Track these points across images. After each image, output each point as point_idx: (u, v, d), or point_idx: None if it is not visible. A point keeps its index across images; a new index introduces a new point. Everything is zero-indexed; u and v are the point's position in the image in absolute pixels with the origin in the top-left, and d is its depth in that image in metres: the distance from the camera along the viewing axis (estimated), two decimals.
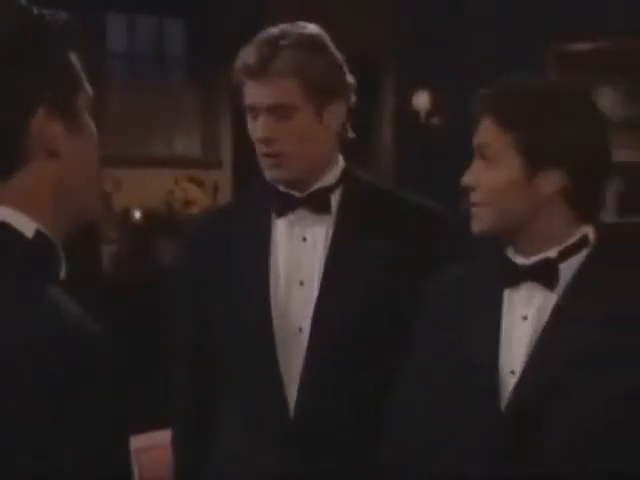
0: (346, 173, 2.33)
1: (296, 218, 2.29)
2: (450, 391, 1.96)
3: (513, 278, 1.94)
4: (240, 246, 2.33)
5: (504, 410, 1.89)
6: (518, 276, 1.94)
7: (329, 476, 2.25)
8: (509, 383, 1.90)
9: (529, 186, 1.91)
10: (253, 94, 2.24)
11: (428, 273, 2.14)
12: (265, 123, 2.23)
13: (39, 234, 1.31)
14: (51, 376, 1.19)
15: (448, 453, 1.94)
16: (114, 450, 1.23)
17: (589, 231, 1.96)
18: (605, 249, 1.96)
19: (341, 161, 2.34)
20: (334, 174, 2.31)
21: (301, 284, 2.27)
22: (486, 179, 1.92)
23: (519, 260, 1.95)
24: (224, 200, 7.69)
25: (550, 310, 1.91)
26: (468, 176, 1.95)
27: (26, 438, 1.18)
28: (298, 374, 2.24)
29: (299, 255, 2.28)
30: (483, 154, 1.93)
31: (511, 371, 1.90)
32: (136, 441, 2.23)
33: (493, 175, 1.92)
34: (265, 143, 2.24)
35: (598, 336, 1.86)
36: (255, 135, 2.26)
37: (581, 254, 1.93)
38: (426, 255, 2.25)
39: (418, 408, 2.02)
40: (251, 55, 2.22)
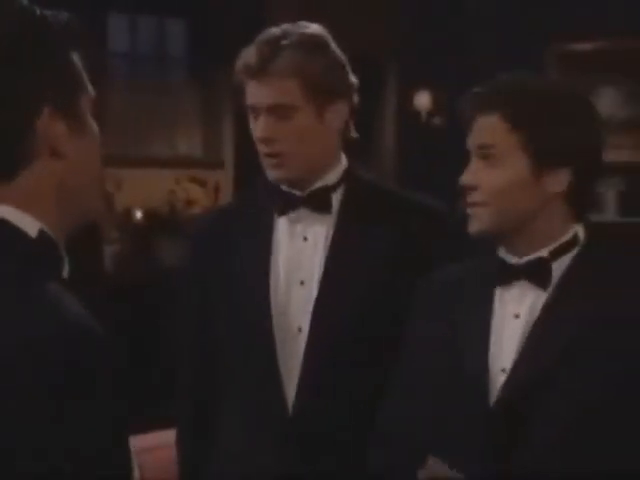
0: (348, 173, 2.33)
1: (297, 217, 2.29)
2: (440, 390, 1.95)
3: (505, 277, 1.95)
4: (241, 246, 2.33)
5: (493, 406, 1.89)
6: (511, 275, 1.94)
7: (329, 476, 2.25)
8: (499, 381, 1.90)
9: (535, 186, 1.91)
10: (254, 94, 2.24)
11: (429, 272, 2.15)
12: (265, 123, 2.23)
13: (42, 234, 1.32)
14: (51, 376, 1.19)
15: (439, 452, 1.93)
16: (114, 450, 1.23)
17: (579, 230, 1.97)
18: (606, 249, 1.97)
19: (344, 160, 2.34)
20: (336, 174, 2.31)
21: (301, 284, 2.27)
22: (489, 179, 1.91)
23: (512, 260, 1.95)
24: (225, 200, 7.69)
25: (540, 308, 1.92)
26: (467, 176, 1.94)
27: (26, 438, 1.18)
28: (297, 374, 2.24)
29: (300, 254, 2.28)
30: (486, 154, 1.92)
31: (502, 369, 1.91)
32: (138, 441, 2.22)
33: (497, 175, 1.91)
34: (266, 143, 2.24)
35: (587, 333, 1.86)
36: (256, 135, 2.26)
37: (572, 253, 1.94)
38: (427, 254, 2.25)
39: (408, 407, 2.02)
40: (252, 55, 2.22)
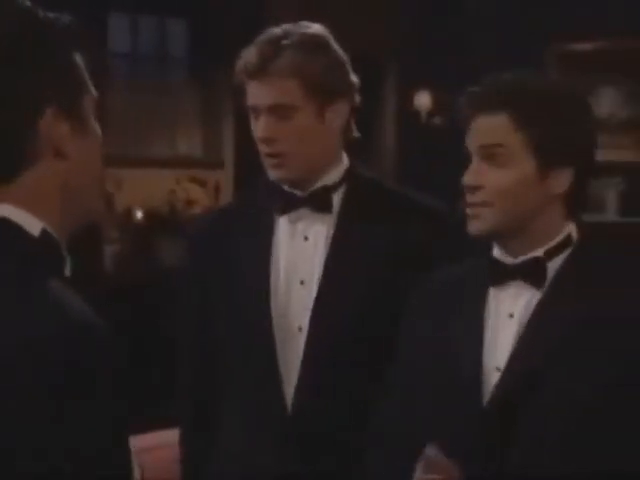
0: (350, 172, 2.33)
1: (298, 217, 2.29)
2: (435, 389, 1.95)
3: (500, 277, 1.95)
4: (241, 246, 2.33)
5: (487, 405, 1.89)
6: (506, 275, 1.94)
7: (329, 476, 2.25)
8: (494, 380, 1.90)
9: (539, 186, 1.91)
10: (254, 94, 2.24)
11: (429, 272, 2.14)
12: (266, 123, 2.23)
13: (45, 233, 1.33)
14: (51, 376, 1.19)
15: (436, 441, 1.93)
16: (114, 450, 1.23)
17: (572, 229, 1.97)
18: (599, 248, 1.98)
19: (345, 160, 2.34)
20: (337, 173, 2.31)
21: (302, 283, 2.27)
22: (494, 179, 1.90)
23: (506, 259, 1.95)
24: (226, 200, 7.69)
25: (534, 306, 1.92)
26: (471, 176, 1.92)
27: (26, 438, 1.18)
28: (297, 373, 2.24)
29: (300, 254, 2.28)
30: (492, 154, 1.90)
31: (496, 368, 1.91)
32: (138, 441, 2.22)
33: (503, 175, 1.89)
34: (266, 143, 2.24)
35: (581, 332, 1.87)
36: (257, 135, 2.26)
37: (565, 252, 1.94)
38: (427, 254, 2.24)
39: (405, 407, 2.01)
40: (252, 55, 2.22)
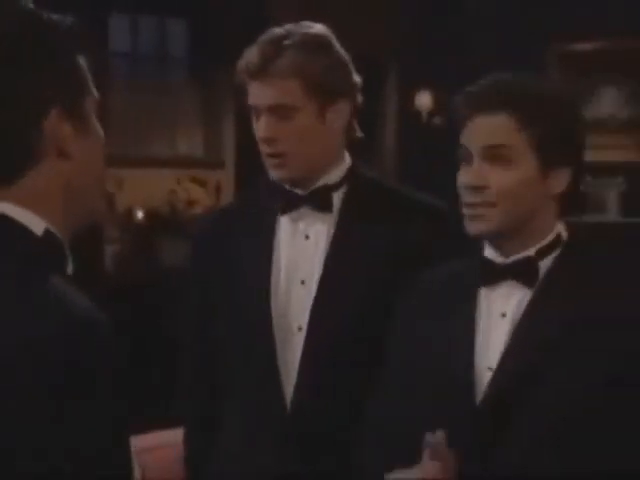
0: (351, 172, 2.33)
1: (299, 216, 2.30)
2: (428, 389, 1.95)
3: (492, 277, 1.95)
4: (243, 246, 2.33)
5: (479, 405, 1.89)
6: (497, 275, 1.95)
7: (328, 476, 2.25)
8: (486, 379, 1.90)
9: (540, 185, 1.91)
10: (255, 94, 2.24)
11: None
12: (267, 123, 2.23)
13: (48, 232, 1.33)
14: (51, 376, 1.19)
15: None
16: (114, 450, 1.24)
17: (562, 228, 1.98)
18: (588, 247, 1.99)
19: (347, 159, 2.34)
20: (338, 173, 2.31)
21: (302, 283, 2.27)
22: (499, 179, 1.90)
23: (498, 259, 1.96)
24: (227, 200, 7.68)
25: (525, 306, 1.92)
26: (473, 176, 1.91)
27: (26, 438, 1.18)
28: (296, 373, 2.24)
29: (301, 253, 2.28)
30: (496, 155, 1.90)
31: (489, 368, 1.91)
32: (138, 441, 2.23)
33: (507, 175, 1.89)
34: (267, 143, 2.25)
35: (572, 331, 1.87)
36: (258, 135, 2.27)
37: (556, 251, 1.95)
38: (427, 254, 2.24)
39: (399, 407, 2.01)
40: (254, 55, 2.23)
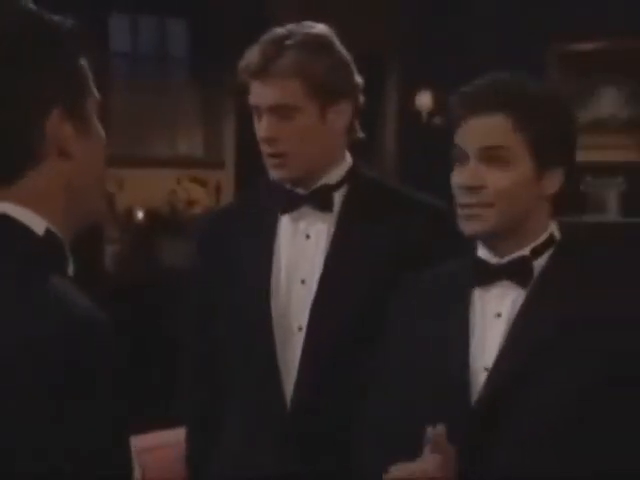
0: (352, 171, 2.33)
1: (299, 215, 2.30)
2: (423, 389, 1.95)
3: (486, 277, 1.95)
4: (244, 246, 2.33)
5: (474, 405, 1.89)
6: (492, 275, 1.95)
7: (328, 476, 2.25)
8: (482, 379, 1.90)
9: (536, 186, 1.92)
10: (256, 94, 2.25)
11: None
12: (268, 123, 2.23)
13: (49, 232, 1.33)
14: (51, 376, 1.19)
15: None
16: (114, 450, 1.24)
17: (555, 228, 1.99)
18: (580, 247, 1.99)
19: (348, 159, 2.34)
20: (339, 172, 2.31)
21: (302, 282, 2.27)
22: (495, 180, 1.90)
23: (492, 260, 1.96)
24: (227, 200, 7.68)
25: (520, 306, 1.93)
26: (470, 177, 1.92)
27: (26, 438, 1.18)
28: (296, 373, 2.24)
29: (302, 253, 2.28)
30: (493, 156, 1.91)
31: (484, 368, 1.91)
32: (139, 441, 2.23)
33: (504, 176, 1.90)
34: (268, 143, 2.25)
35: (567, 330, 1.87)
36: (259, 135, 2.27)
37: (549, 251, 1.96)
38: (428, 254, 2.23)
39: (395, 408, 2.01)
40: (255, 55, 2.23)
